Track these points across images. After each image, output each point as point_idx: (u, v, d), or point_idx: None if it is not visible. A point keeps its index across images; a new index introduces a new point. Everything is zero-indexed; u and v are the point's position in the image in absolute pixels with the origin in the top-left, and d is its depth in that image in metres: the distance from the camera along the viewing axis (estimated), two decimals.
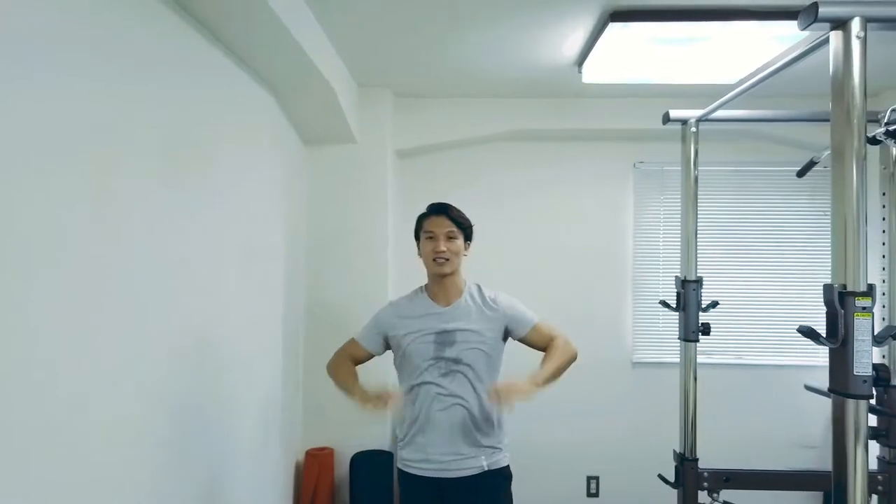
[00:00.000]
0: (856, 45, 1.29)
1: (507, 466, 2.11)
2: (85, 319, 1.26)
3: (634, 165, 3.85)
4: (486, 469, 2.03)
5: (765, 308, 3.76)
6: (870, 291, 1.26)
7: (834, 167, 1.33)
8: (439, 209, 2.20)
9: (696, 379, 2.45)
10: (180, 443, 1.71)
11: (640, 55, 2.49)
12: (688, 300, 2.46)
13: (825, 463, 3.64)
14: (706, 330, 2.45)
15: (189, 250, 1.77)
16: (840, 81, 1.31)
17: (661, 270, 3.81)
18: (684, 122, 2.46)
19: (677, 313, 2.51)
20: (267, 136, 2.58)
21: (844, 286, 1.27)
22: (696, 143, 2.46)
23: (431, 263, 2.13)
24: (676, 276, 2.52)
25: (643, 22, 2.06)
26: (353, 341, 2.26)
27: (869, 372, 1.25)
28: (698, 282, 2.47)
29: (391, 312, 2.22)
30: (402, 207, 3.78)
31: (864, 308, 1.25)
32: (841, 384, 1.28)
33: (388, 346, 2.21)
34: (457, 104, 3.61)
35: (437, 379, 2.04)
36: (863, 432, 1.26)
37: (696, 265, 2.48)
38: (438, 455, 2.03)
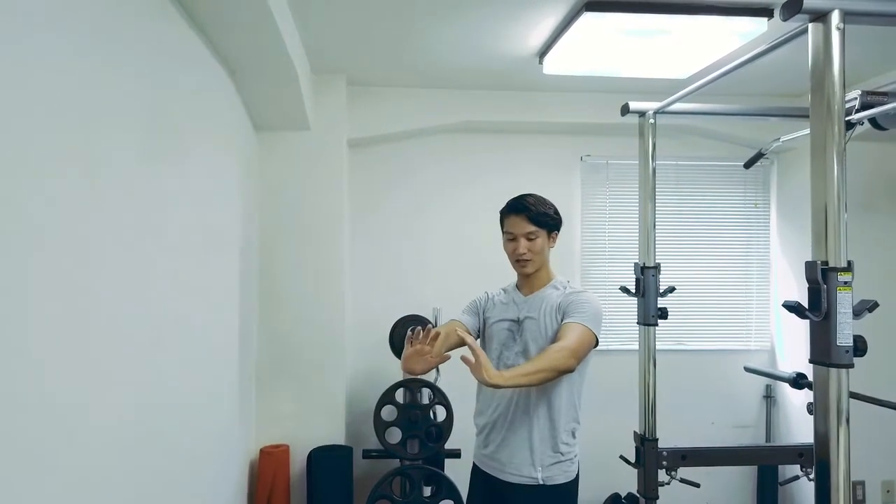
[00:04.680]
0: (835, 37, 1.37)
1: (566, 484, 2.00)
2: (67, 312, 1.16)
3: (582, 158, 3.95)
4: (541, 483, 1.97)
5: (702, 295, 3.96)
6: (850, 267, 1.35)
7: (814, 154, 1.41)
8: (517, 209, 2.08)
9: (655, 362, 2.54)
10: (135, 440, 1.58)
11: (603, 47, 2.55)
12: (647, 286, 2.55)
13: (759, 440, 3.91)
14: (664, 314, 2.55)
15: (155, 239, 1.66)
16: (820, 72, 1.39)
17: (607, 259, 3.95)
18: (642, 114, 2.54)
19: (634, 299, 2.59)
20: (224, 117, 2.46)
21: (826, 262, 1.35)
22: (655, 135, 2.54)
23: (515, 264, 2.10)
24: (636, 263, 2.60)
25: (617, 13, 2.12)
26: (450, 320, 2.18)
27: (850, 343, 1.33)
28: (656, 268, 2.56)
29: (487, 296, 2.21)
30: (353, 198, 3.72)
31: (845, 283, 1.34)
32: (824, 355, 1.36)
33: (480, 328, 2.17)
34: (410, 94, 3.59)
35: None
36: (845, 400, 1.34)
37: (655, 252, 2.56)
38: (492, 452, 2.04)
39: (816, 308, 1.36)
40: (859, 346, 1.34)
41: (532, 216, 2.04)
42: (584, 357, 1.96)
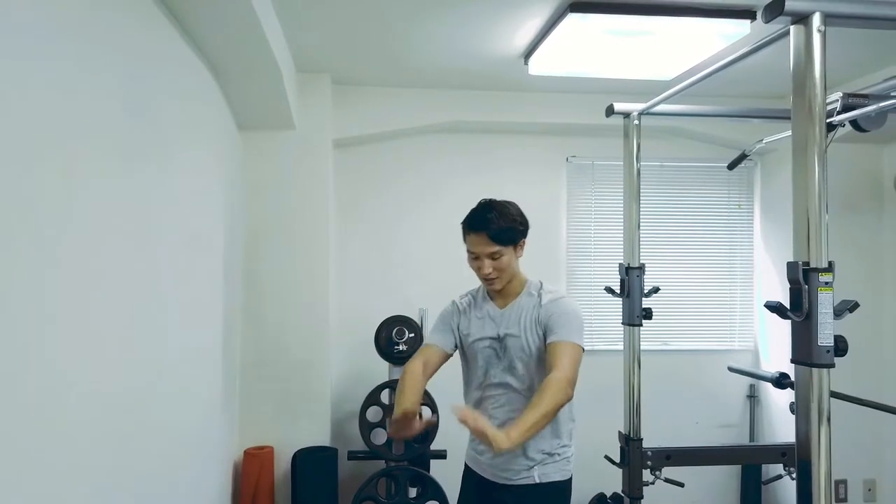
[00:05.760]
0: (817, 39, 1.38)
1: (562, 482, 1.99)
2: (47, 312, 1.14)
3: (567, 159, 3.96)
4: (537, 482, 1.95)
5: (686, 296, 3.98)
6: (831, 267, 1.36)
7: (796, 156, 1.41)
8: (478, 226, 1.88)
9: (639, 362, 2.55)
10: (119, 440, 1.56)
11: (588, 48, 2.56)
12: (632, 286, 2.56)
13: (743, 440, 3.93)
14: (648, 314, 2.56)
15: (136, 239, 1.64)
16: (801, 74, 1.40)
17: (593, 260, 3.96)
18: (627, 115, 2.55)
19: (619, 300, 2.60)
20: (207, 116, 2.43)
21: (807, 263, 1.36)
22: (639, 136, 2.55)
23: (483, 281, 2.00)
24: (620, 264, 2.61)
25: (601, 14, 2.13)
26: (425, 345, 2.08)
27: (831, 342, 1.34)
28: (641, 268, 2.57)
29: (456, 309, 2.09)
30: (339, 198, 3.70)
31: (826, 283, 1.35)
32: (805, 355, 1.36)
33: (458, 343, 2.07)
34: (396, 94, 3.58)
35: (492, 392, 1.98)
36: (826, 399, 1.35)
37: (640, 253, 2.57)
38: (484, 451, 2.01)
39: (798, 308, 1.36)
40: (840, 346, 1.35)
41: (493, 234, 1.86)
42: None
